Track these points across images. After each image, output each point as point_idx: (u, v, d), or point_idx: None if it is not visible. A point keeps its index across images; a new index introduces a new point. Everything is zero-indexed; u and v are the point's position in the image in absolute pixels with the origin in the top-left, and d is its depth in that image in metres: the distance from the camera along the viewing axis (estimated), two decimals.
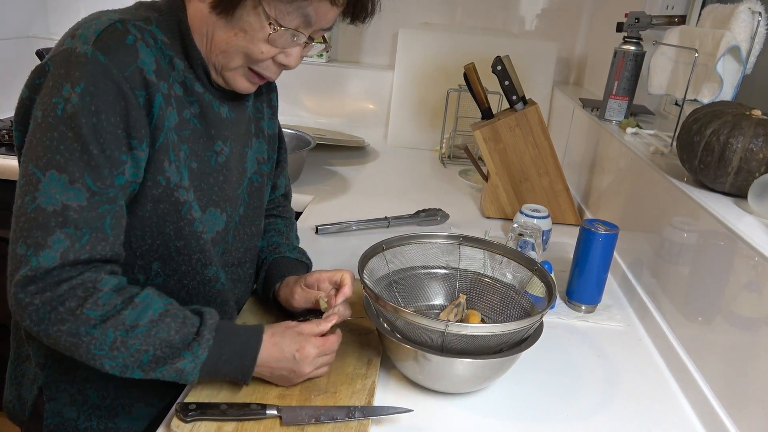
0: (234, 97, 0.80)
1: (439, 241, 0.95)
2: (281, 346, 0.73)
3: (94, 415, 0.80)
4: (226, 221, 0.81)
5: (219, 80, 0.76)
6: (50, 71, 0.64)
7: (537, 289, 0.89)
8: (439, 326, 0.73)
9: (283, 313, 0.89)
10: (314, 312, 0.84)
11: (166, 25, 0.71)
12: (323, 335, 0.77)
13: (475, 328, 0.76)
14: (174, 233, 0.74)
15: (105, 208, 0.65)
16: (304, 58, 0.76)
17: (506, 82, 1.32)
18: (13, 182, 1.55)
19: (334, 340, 0.77)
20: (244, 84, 0.76)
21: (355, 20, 0.74)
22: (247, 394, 0.74)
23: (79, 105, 0.62)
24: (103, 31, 0.64)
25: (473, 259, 0.97)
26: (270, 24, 0.69)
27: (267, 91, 0.92)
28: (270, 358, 0.73)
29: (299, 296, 0.84)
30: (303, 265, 0.96)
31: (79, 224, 0.63)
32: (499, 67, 1.31)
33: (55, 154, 0.62)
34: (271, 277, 0.91)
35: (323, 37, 0.78)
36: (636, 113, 1.46)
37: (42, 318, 0.63)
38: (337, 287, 0.84)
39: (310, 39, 0.74)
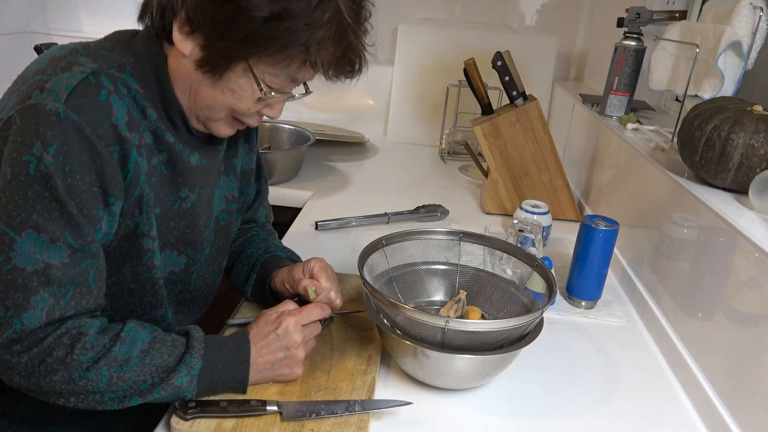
0: (207, 141, 0.79)
1: (440, 237, 0.95)
2: (262, 332, 0.74)
3: (26, 425, 0.79)
4: (186, 263, 0.80)
5: (200, 127, 0.75)
6: (17, 124, 0.60)
7: (537, 285, 0.89)
8: (439, 322, 0.73)
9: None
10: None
11: (141, 73, 0.69)
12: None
13: (476, 324, 0.76)
14: (130, 276, 0.73)
15: (88, 263, 0.64)
16: None
17: (506, 78, 1.32)
18: None
19: (312, 307, 0.77)
20: (226, 131, 0.75)
21: (345, 79, 0.73)
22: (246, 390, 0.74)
23: (53, 165, 0.60)
24: (76, 87, 0.61)
25: (473, 255, 0.97)
26: (261, 89, 0.68)
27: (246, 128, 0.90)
28: (260, 350, 0.73)
29: (290, 285, 0.84)
30: (292, 262, 0.95)
31: (63, 282, 0.62)
32: (499, 63, 1.30)
33: (31, 213, 0.60)
34: (265, 272, 0.91)
35: (305, 84, 0.77)
36: (636, 109, 1.46)
37: (32, 372, 0.62)
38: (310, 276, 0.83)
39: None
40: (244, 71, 0.67)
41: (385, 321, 0.81)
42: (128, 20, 0.75)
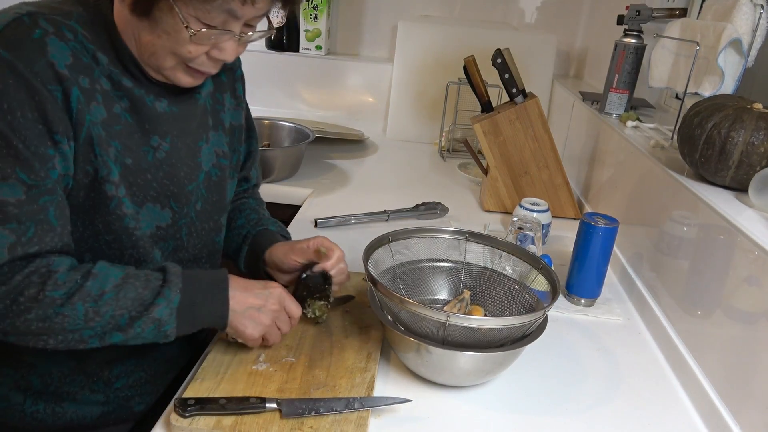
0: (178, 91, 0.77)
1: (445, 236, 0.95)
2: (245, 282, 0.76)
3: (40, 400, 0.80)
4: (173, 217, 0.80)
5: (159, 77, 0.74)
6: None
7: (540, 284, 0.89)
8: (440, 317, 0.73)
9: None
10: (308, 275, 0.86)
11: (89, 20, 0.69)
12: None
13: (477, 320, 0.76)
14: (103, 227, 0.73)
15: (45, 199, 0.63)
16: (303, 51, 0.71)
17: (506, 75, 1.31)
18: None
19: (296, 307, 0.80)
20: (186, 79, 0.74)
21: (286, 5, 0.71)
22: (246, 388, 0.74)
23: None
24: (6, 26, 0.62)
25: (474, 253, 0.96)
26: (186, 27, 0.66)
27: (230, 80, 0.89)
28: (239, 291, 0.74)
29: (297, 254, 0.86)
30: (284, 238, 0.97)
31: (21, 218, 0.61)
32: (499, 60, 1.30)
33: None
34: (258, 246, 0.92)
35: (268, 20, 0.74)
36: (636, 107, 1.46)
37: (4, 313, 0.61)
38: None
39: (247, 27, 0.71)
40: (169, 9, 0.65)
41: (389, 317, 0.81)
42: None
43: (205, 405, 0.69)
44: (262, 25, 0.75)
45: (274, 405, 0.70)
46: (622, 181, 1.22)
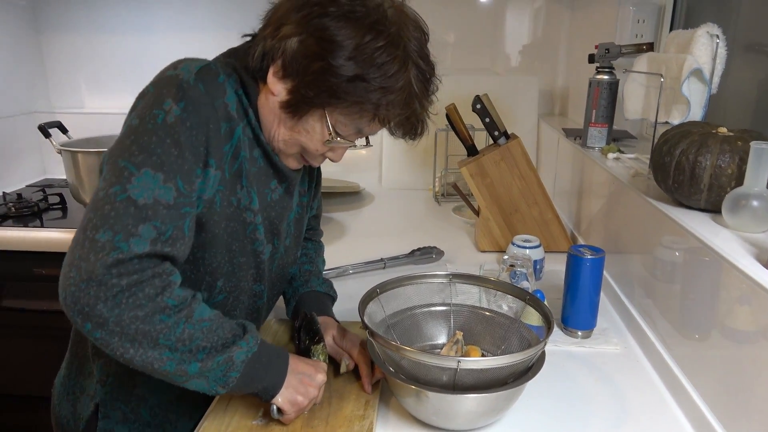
0: None
1: (432, 280, 0.97)
2: (303, 360, 0.83)
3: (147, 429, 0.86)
4: (272, 251, 0.89)
5: (274, 154, 0.85)
6: (151, 92, 0.72)
7: (533, 318, 0.90)
8: (451, 363, 0.74)
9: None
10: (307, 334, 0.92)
11: (241, 85, 0.79)
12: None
13: (488, 361, 0.77)
14: (239, 250, 0.82)
15: (187, 210, 0.71)
16: None
17: (487, 119, 1.37)
18: (23, 252, 1.60)
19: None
20: (294, 164, 0.86)
21: (405, 137, 0.85)
22: None
23: (180, 117, 0.69)
24: (202, 68, 0.73)
25: (469, 294, 0.98)
26: (329, 133, 0.78)
27: None
28: (295, 361, 0.81)
29: (329, 345, 0.93)
30: (330, 298, 1.06)
31: (165, 220, 0.68)
32: (478, 106, 1.36)
33: (152, 155, 0.67)
34: (302, 308, 1.00)
35: (367, 138, 0.88)
36: (618, 138, 1.50)
37: (119, 302, 0.64)
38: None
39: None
40: (320, 117, 0.77)
41: (391, 368, 0.82)
42: (129, 94, 0.83)
43: None
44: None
45: None
46: (610, 212, 1.25)
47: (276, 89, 0.77)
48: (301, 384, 0.79)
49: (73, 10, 2.13)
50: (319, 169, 1.07)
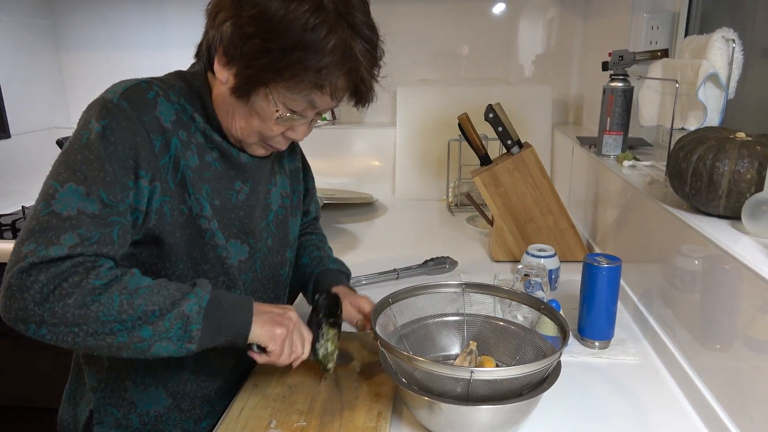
0: None
1: (444, 290, 0.96)
2: (268, 304, 0.83)
3: None
4: (249, 252, 0.91)
5: (238, 145, 0.87)
6: (83, 117, 0.75)
7: (548, 328, 0.89)
8: (464, 374, 0.72)
9: None
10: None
11: (188, 91, 0.83)
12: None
13: (502, 371, 0.75)
14: (200, 257, 0.83)
15: (114, 219, 0.72)
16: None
17: (500, 128, 1.36)
18: None
19: (309, 337, 0.85)
20: (260, 152, 0.88)
21: (357, 105, 0.85)
22: None
23: (101, 134, 0.72)
24: (129, 88, 0.77)
25: (483, 304, 0.97)
26: (277, 110, 0.79)
27: None
28: (260, 305, 0.80)
29: (346, 311, 0.96)
30: (343, 274, 1.09)
31: (90, 228, 0.69)
32: (491, 115, 1.35)
33: (75, 171, 0.71)
34: (319, 287, 1.03)
35: (332, 112, 0.88)
36: (634, 146, 1.48)
37: (46, 296, 0.65)
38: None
39: (317, 115, 0.85)
40: (265, 95, 0.78)
41: (403, 379, 0.80)
42: None
43: None
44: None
45: None
46: (626, 220, 1.23)
47: (223, 77, 0.79)
48: (274, 321, 0.79)
49: (93, 28, 2.18)
50: (308, 173, 1.11)
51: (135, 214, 0.76)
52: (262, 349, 0.79)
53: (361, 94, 0.82)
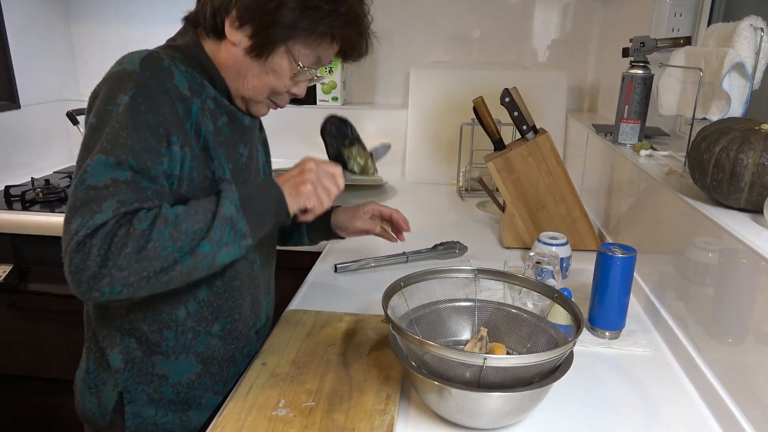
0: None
1: (457, 275, 0.95)
2: (284, 172, 0.86)
3: (170, 410, 0.90)
4: None
5: (242, 106, 0.90)
6: (102, 89, 0.76)
7: (560, 317, 0.88)
8: (477, 360, 0.72)
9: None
10: None
11: (188, 61, 0.84)
12: None
13: (515, 359, 0.75)
14: None
15: (146, 185, 0.74)
16: (321, 103, 0.89)
17: (515, 113, 1.34)
18: (50, 237, 1.62)
19: (335, 168, 0.87)
20: (264, 111, 0.92)
21: (350, 60, 0.91)
22: (267, 431, 0.74)
23: (129, 104, 0.73)
24: (146, 58, 0.78)
25: (493, 290, 0.96)
26: (299, 65, 0.84)
27: None
28: (279, 177, 0.84)
29: (363, 222, 1.13)
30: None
31: (127, 193, 0.72)
32: (507, 99, 1.33)
33: (103, 142, 0.72)
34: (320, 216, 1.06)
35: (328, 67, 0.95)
36: (650, 135, 1.46)
37: (105, 255, 0.68)
38: (389, 220, 1.15)
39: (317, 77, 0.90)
40: (284, 53, 0.83)
41: (413, 363, 0.80)
42: None
43: None
44: None
45: None
46: (641, 210, 1.21)
47: (236, 39, 0.82)
48: (296, 183, 0.82)
49: (104, 0, 2.15)
50: (266, 142, 1.13)
51: (170, 179, 0.78)
52: (304, 211, 0.83)
53: (365, 47, 0.88)
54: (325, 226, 1.14)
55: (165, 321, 0.86)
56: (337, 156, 0.88)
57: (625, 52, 1.36)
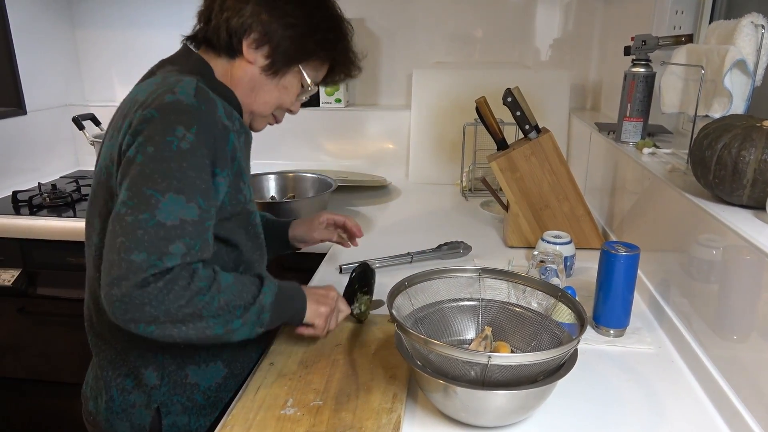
0: None
1: (461, 275, 0.96)
2: (312, 287, 0.96)
3: (201, 415, 0.93)
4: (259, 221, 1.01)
5: (246, 121, 0.95)
6: (157, 118, 0.76)
7: (564, 315, 0.88)
8: (481, 359, 0.72)
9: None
10: None
11: (209, 84, 0.87)
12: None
13: (519, 357, 0.75)
14: (246, 236, 0.92)
15: (208, 223, 0.78)
16: (324, 105, 1.16)
17: (518, 113, 1.34)
18: (58, 241, 1.64)
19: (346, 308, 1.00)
20: (263, 126, 0.98)
21: (337, 82, 1.02)
22: (276, 429, 0.75)
23: (195, 142, 0.76)
24: (198, 89, 0.80)
25: (497, 290, 0.97)
26: (309, 85, 0.93)
27: None
28: (309, 290, 0.93)
29: (320, 233, 1.17)
30: (283, 222, 1.20)
31: (193, 235, 0.75)
32: (509, 99, 1.33)
33: (172, 179, 0.74)
34: (276, 230, 1.17)
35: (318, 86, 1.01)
36: (653, 133, 1.46)
37: (162, 300, 0.71)
38: (342, 228, 1.19)
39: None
40: (296, 73, 0.91)
41: (418, 362, 0.80)
42: None
43: None
44: None
45: None
46: (644, 208, 1.22)
47: (253, 57, 0.87)
48: (319, 301, 0.92)
49: (108, 6, 2.17)
50: None
51: (216, 211, 0.82)
52: (307, 324, 0.90)
53: (356, 68, 0.99)
54: (280, 242, 1.18)
55: None
56: (351, 294, 1.02)
57: (627, 51, 1.36)
